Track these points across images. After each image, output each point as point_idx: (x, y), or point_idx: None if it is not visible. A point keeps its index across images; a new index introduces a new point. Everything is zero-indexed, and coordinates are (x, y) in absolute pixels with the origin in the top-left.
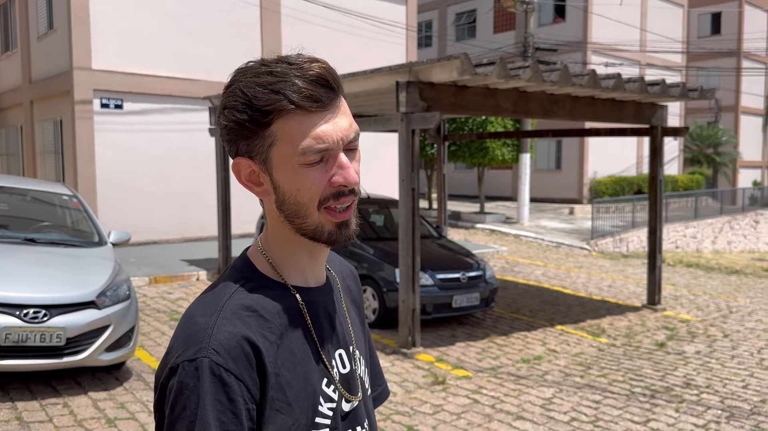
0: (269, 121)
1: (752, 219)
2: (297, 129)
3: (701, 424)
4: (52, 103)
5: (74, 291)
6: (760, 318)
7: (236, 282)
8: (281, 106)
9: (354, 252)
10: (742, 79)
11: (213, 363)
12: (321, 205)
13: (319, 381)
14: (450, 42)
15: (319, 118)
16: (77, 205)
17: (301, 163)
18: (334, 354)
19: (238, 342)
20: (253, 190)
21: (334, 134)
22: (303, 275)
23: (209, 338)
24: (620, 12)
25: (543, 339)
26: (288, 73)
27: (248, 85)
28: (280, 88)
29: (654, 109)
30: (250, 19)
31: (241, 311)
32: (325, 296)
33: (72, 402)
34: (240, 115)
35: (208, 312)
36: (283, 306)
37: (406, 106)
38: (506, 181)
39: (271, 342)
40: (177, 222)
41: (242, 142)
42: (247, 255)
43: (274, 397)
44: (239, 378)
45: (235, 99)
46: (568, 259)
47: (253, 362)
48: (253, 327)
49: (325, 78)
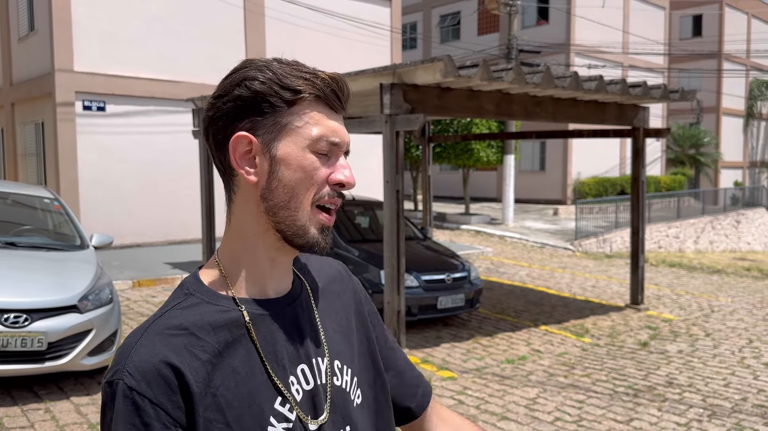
0: (293, 101)
1: (734, 219)
2: (317, 116)
3: (683, 423)
4: (33, 105)
5: (56, 296)
6: (742, 317)
7: (175, 299)
8: (312, 90)
9: (339, 254)
10: (723, 80)
11: (125, 386)
12: (316, 200)
13: (270, 400)
14: (434, 44)
15: (335, 117)
16: (59, 208)
17: (312, 149)
18: (295, 370)
19: (154, 365)
20: (241, 171)
21: (345, 137)
22: (260, 284)
23: (126, 360)
24: (603, 14)
25: (527, 340)
26: (316, 71)
27: (276, 66)
28: (312, 78)
29: (636, 111)
30: (234, 21)
31: (166, 331)
32: (285, 307)
33: (54, 407)
34: (263, 88)
35: (137, 332)
36: (224, 322)
37: (390, 108)
38: (491, 182)
39: (202, 361)
40: (160, 225)
41: (250, 117)
42: (199, 270)
43: (210, 418)
44: (154, 402)
45: (259, 72)
46: (552, 260)
47: (174, 385)
48: (178, 348)
49: (341, 88)
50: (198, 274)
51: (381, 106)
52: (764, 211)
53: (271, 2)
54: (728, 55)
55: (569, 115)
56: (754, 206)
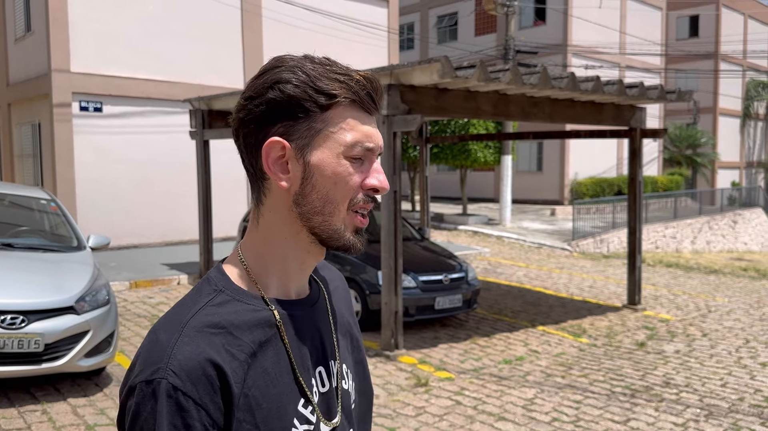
0: (328, 105)
1: (731, 219)
2: (352, 122)
3: (680, 423)
4: (30, 106)
5: (52, 297)
6: (739, 317)
7: (206, 296)
8: (348, 95)
9: (337, 255)
10: (720, 81)
11: (170, 386)
12: (350, 206)
13: (294, 401)
14: (432, 44)
15: (369, 121)
16: (55, 209)
17: (346, 155)
18: (314, 373)
19: (200, 363)
20: (274, 176)
21: (379, 140)
22: (285, 286)
23: (168, 358)
24: (600, 15)
25: (525, 340)
26: (350, 71)
27: (309, 67)
28: (347, 80)
29: (633, 111)
30: (231, 22)
31: (206, 329)
32: (308, 309)
33: (51, 408)
34: (296, 91)
35: (171, 328)
36: (257, 322)
37: (387, 109)
38: (488, 183)
39: (240, 362)
40: (158, 226)
41: (283, 122)
42: (222, 265)
43: (241, 419)
44: (198, 403)
45: (293, 75)
46: (549, 260)
47: (217, 385)
48: (218, 347)
49: (376, 90)
50: (223, 270)
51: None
52: (761, 211)
53: (268, 3)
54: (725, 55)
55: (566, 115)
56: (751, 206)
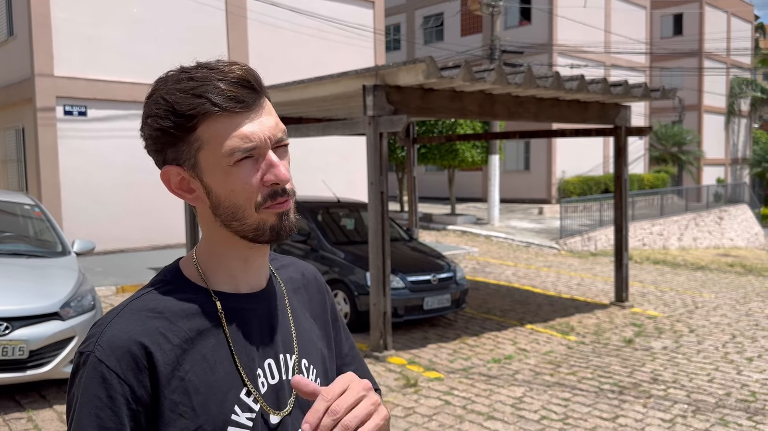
0: (194, 125)
1: (717, 215)
2: (223, 130)
3: (668, 419)
4: (13, 110)
5: (37, 303)
6: (725, 312)
7: (153, 285)
8: (205, 109)
9: (325, 257)
10: (704, 78)
11: (96, 359)
12: (259, 207)
13: (236, 389)
14: (418, 45)
15: (244, 119)
16: (40, 214)
17: (229, 164)
18: (262, 364)
19: (126, 342)
20: (184, 197)
21: (261, 133)
22: (233, 281)
23: (100, 334)
24: (585, 14)
25: (513, 339)
26: (209, 77)
27: (169, 91)
28: (203, 92)
29: (618, 110)
30: (217, 24)
31: (143, 311)
32: (258, 303)
33: (36, 416)
34: (164, 122)
35: (114, 309)
36: (198, 311)
37: (373, 110)
38: (476, 183)
39: (173, 345)
40: (144, 230)
41: (169, 149)
42: (178, 262)
43: (177, 401)
44: (121, 377)
45: (157, 107)
46: (537, 259)
47: (143, 365)
48: (151, 329)
49: (246, 79)
50: (178, 265)
51: (364, 107)
52: (746, 207)
53: (253, 5)
54: (709, 53)
55: (552, 114)
56: (736, 203)
